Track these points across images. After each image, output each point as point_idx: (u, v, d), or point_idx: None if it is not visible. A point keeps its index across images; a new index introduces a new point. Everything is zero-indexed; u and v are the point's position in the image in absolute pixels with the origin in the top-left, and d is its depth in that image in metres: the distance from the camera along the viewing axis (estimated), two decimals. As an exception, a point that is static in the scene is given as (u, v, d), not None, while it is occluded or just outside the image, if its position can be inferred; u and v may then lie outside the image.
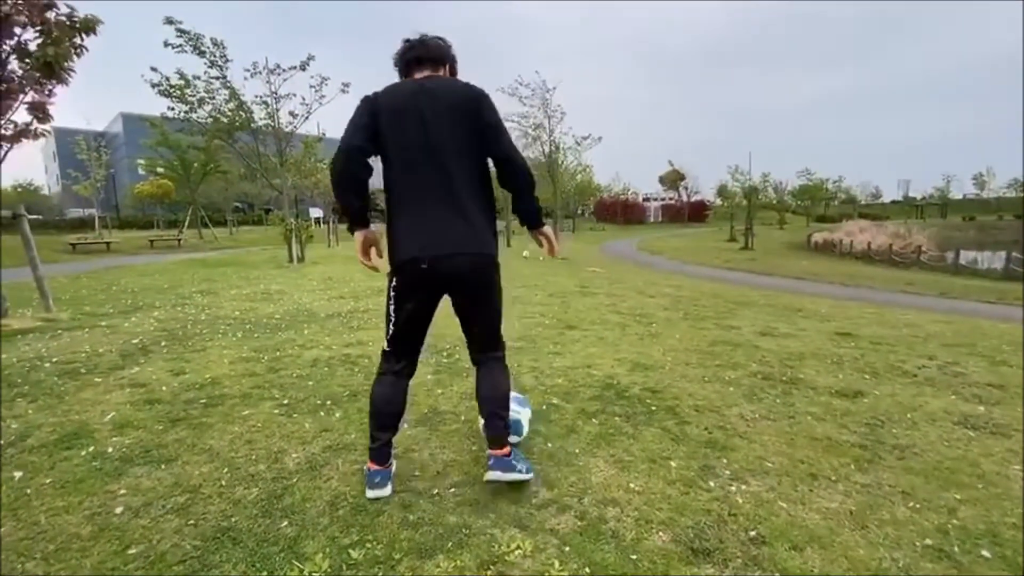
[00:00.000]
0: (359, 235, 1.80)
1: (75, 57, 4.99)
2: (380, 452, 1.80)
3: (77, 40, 4.99)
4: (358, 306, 5.84)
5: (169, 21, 9.09)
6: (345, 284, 7.75)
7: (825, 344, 4.29)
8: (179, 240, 20.80)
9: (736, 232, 31.64)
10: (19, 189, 49.07)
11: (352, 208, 1.75)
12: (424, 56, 1.77)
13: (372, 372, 3.03)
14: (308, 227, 11.17)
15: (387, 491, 1.77)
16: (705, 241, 29.85)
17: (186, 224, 23.07)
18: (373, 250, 1.85)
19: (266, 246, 18.87)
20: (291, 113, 11.03)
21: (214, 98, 10.35)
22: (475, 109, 1.68)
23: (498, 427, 1.80)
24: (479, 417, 1.91)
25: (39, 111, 4.74)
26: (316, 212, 32.32)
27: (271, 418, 2.51)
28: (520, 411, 2.11)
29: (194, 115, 9.88)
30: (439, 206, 1.69)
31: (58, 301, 6.02)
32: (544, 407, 2.66)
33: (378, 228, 1.87)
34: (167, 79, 9.41)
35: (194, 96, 10.11)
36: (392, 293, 1.80)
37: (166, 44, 9.22)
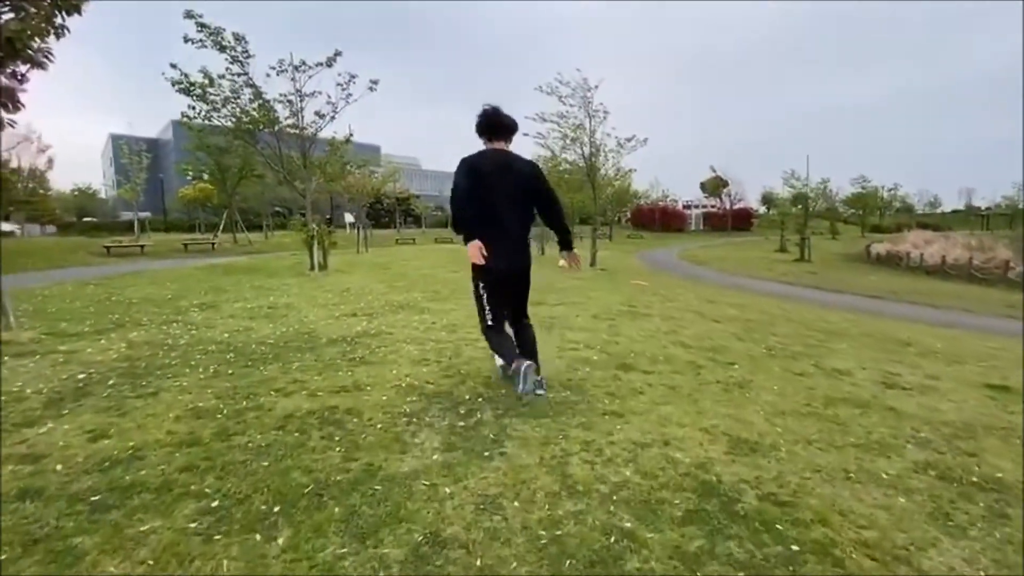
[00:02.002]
0: (473, 243, 2.72)
1: (53, 37, 4.33)
2: (510, 357, 2.85)
3: (58, 19, 4.34)
4: (370, 327, 4.97)
5: (189, 15, 8.62)
6: (362, 297, 6.93)
7: (988, 408, 3.09)
8: (213, 244, 20.78)
9: (786, 242, 29.59)
10: (75, 193, 51.76)
11: (472, 226, 2.77)
12: (502, 129, 2.85)
13: (359, 445, 2.12)
14: (331, 233, 10.50)
15: (521, 365, 2.75)
16: (752, 251, 27.95)
17: (220, 228, 23.15)
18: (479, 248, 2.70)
19: (296, 251, 18.52)
20: (317, 113, 10.43)
21: (238, 97, 9.86)
22: (535, 180, 2.90)
23: (533, 357, 2.91)
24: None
25: (6, 97, 4.08)
26: (351, 217, 32.22)
27: (179, 539, 1.59)
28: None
29: (216, 115, 9.37)
30: (507, 238, 2.84)
31: (42, 315, 5.42)
32: (610, 539, 1.64)
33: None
34: (186, 76, 8.93)
35: (217, 95, 9.63)
36: (484, 290, 2.91)
37: (186, 39, 8.75)
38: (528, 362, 2.73)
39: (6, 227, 32.76)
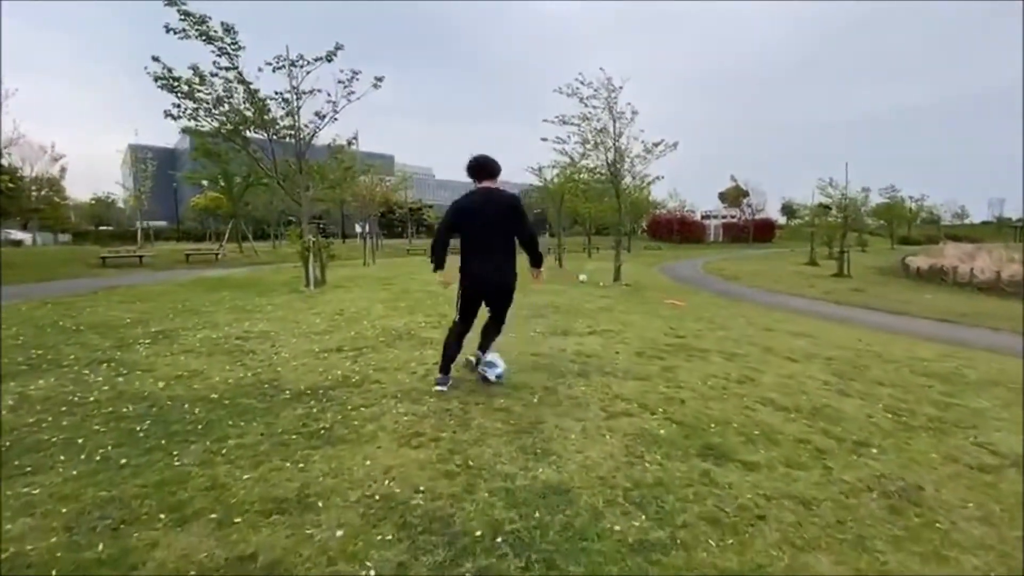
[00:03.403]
0: (440, 274, 3.38)
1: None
2: (446, 369, 3.44)
3: None
4: (353, 370, 3.84)
5: (171, 1, 7.70)
6: (355, 323, 5.83)
7: None
8: (217, 255, 19.99)
9: (816, 255, 27.96)
10: (93, 202, 51.99)
11: (440, 261, 3.38)
12: (486, 172, 3.39)
13: None
14: (329, 245, 9.45)
15: (444, 388, 3.34)
16: (781, 264, 26.38)
17: (226, 237, 22.40)
18: (444, 277, 3.36)
19: (299, 263, 17.60)
20: (317, 114, 9.44)
21: (231, 97, 8.92)
22: (512, 210, 3.34)
23: (489, 342, 3.67)
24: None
25: None
26: (363, 227, 31.49)
27: None
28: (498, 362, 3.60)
29: (205, 115, 8.41)
30: (491, 259, 3.34)
31: (-47, 347, 4.38)
32: None
33: None
34: (170, 70, 8.00)
35: (209, 94, 8.70)
36: (461, 295, 3.39)
37: (168, 29, 7.83)
38: (495, 372, 3.53)
39: (16, 235, 32.62)
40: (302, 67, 8.93)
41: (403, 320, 6.00)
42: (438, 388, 3.33)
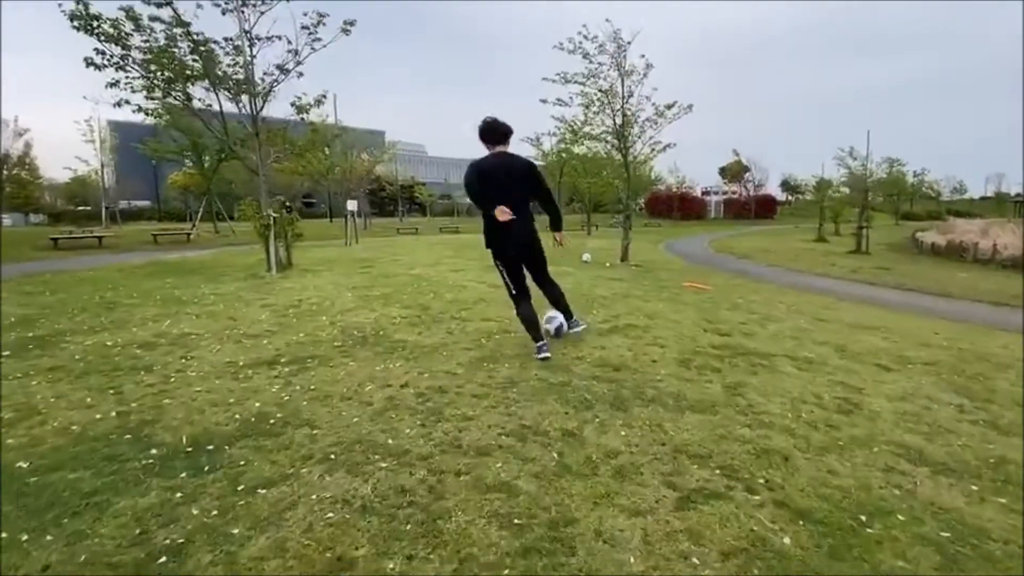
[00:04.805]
0: (499, 210, 3.26)
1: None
2: (538, 337, 3.40)
3: None
4: (280, 399, 2.62)
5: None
6: (315, 317, 4.58)
7: None
8: (189, 235, 18.49)
9: (823, 232, 26.71)
10: (68, 181, 49.56)
11: (488, 208, 3.31)
12: (501, 137, 3.39)
13: None
14: (293, 222, 8.09)
15: (548, 354, 3.33)
16: (789, 241, 25.10)
17: (199, 216, 20.80)
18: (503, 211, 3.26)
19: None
20: (279, 66, 7.98)
21: (174, 46, 7.43)
22: (528, 172, 3.42)
23: (563, 308, 3.79)
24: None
25: None
26: (352, 205, 30.04)
27: None
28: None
29: (134, 63, 6.94)
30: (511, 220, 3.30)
31: None
32: None
33: None
34: (86, 5, 6.51)
35: (147, 42, 7.22)
36: (500, 267, 3.50)
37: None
38: (556, 323, 3.77)
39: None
40: (255, 6, 7.43)
41: (373, 314, 4.74)
42: (542, 356, 3.33)
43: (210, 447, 2.10)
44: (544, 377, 3.03)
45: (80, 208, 46.76)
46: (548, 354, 3.31)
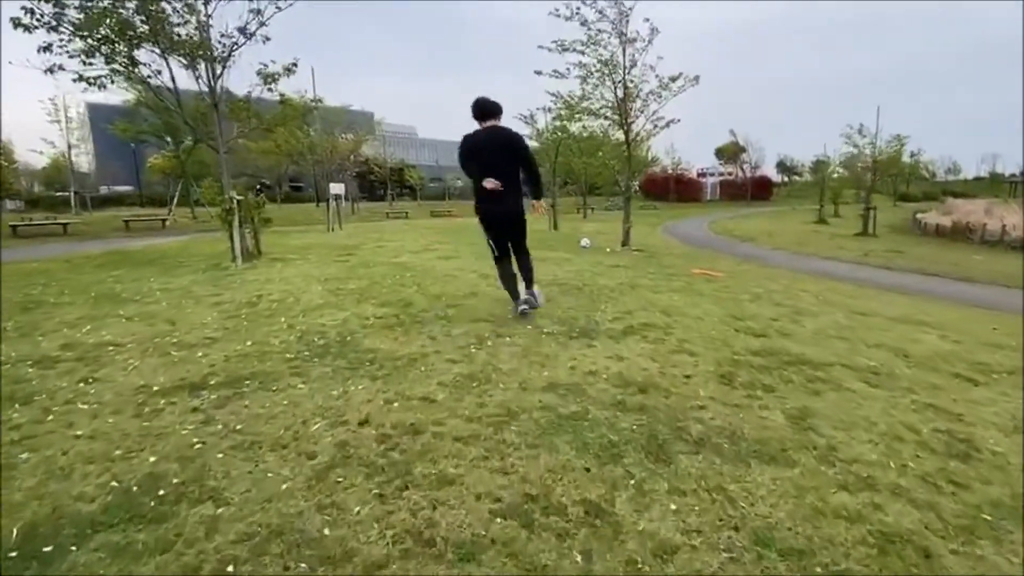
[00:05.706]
0: (487, 181, 3.52)
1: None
2: (516, 295, 3.80)
3: None
4: (190, 453, 1.89)
5: None
6: (273, 318, 3.83)
7: None
8: (164, 221, 17.49)
9: (824, 213, 26.01)
10: (44, 167, 47.63)
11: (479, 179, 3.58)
12: (490, 113, 3.64)
13: None
14: (260, 205, 7.24)
15: (524, 307, 3.77)
16: (790, 223, 24.41)
17: (175, 201, 19.69)
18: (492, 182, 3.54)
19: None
20: (239, 29, 7.05)
21: (124, 6, 6.47)
22: (514, 144, 3.63)
23: (528, 279, 3.84)
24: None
25: None
26: (337, 188, 28.98)
27: None
28: (539, 295, 3.98)
29: (68, 23, 5.99)
30: (498, 190, 3.52)
31: None
32: None
33: None
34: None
35: (90, 3, 6.26)
36: (484, 227, 3.75)
37: None
38: (525, 297, 3.82)
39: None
40: (209, -41, 6.48)
41: (343, 314, 3.98)
42: (521, 309, 3.76)
43: (47, 548, 1.36)
44: (551, 404, 2.31)
45: (59, 194, 45.10)
46: (525, 307, 3.77)
